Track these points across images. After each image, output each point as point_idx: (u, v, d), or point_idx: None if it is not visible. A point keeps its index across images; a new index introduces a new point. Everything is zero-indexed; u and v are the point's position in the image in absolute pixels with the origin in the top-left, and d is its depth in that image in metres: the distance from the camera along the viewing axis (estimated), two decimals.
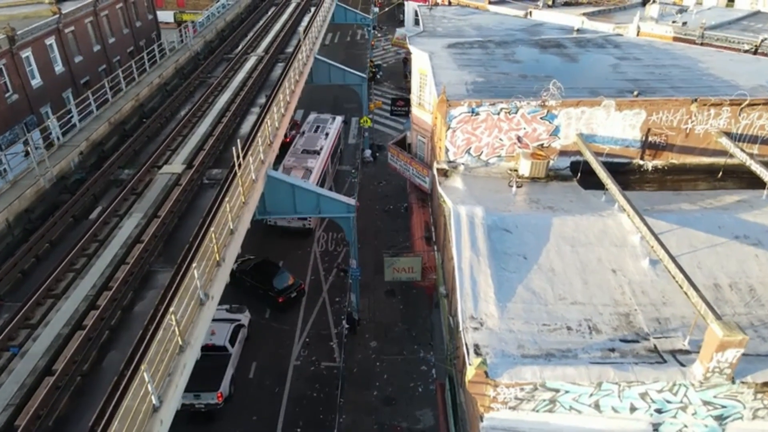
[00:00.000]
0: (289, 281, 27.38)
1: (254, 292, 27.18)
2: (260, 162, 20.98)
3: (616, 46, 25.56)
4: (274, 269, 27.73)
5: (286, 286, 27.18)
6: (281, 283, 27.18)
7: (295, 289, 27.31)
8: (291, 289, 27.22)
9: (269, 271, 27.50)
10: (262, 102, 30.12)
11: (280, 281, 27.19)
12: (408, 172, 27.70)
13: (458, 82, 21.17)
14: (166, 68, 32.00)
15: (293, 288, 27.30)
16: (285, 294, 26.96)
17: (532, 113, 19.06)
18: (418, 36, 26.90)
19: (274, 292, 26.83)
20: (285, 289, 27.10)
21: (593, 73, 22.42)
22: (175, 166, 23.17)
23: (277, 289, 26.90)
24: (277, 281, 27.14)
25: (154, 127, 26.91)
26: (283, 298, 26.89)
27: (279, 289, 26.93)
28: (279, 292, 26.87)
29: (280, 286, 27.06)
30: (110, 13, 39.88)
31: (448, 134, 19.45)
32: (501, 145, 19.71)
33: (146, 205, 20.53)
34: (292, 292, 27.18)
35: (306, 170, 32.67)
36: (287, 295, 27.00)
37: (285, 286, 27.16)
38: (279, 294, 26.83)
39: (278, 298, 26.78)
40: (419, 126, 26.94)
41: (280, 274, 27.43)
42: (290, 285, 27.30)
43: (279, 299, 26.79)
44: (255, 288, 27.20)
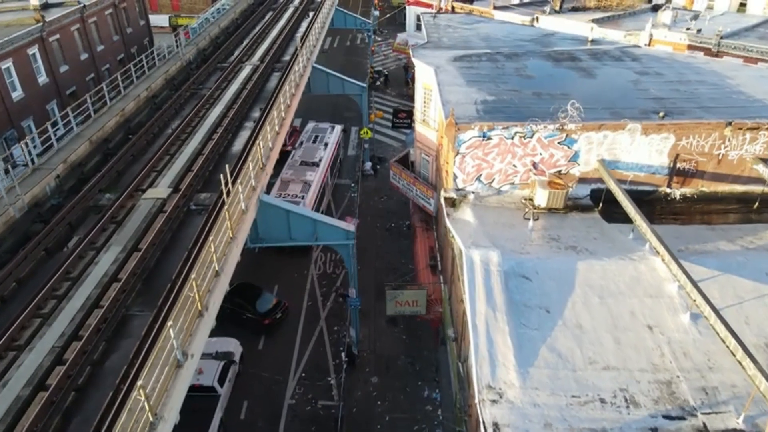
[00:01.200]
0: (273, 302, 26.03)
1: (237, 318, 25.47)
2: (251, 189, 19.23)
3: (634, 59, 23.83)
4: (255, 292, 26.28)
5: (270, 308, 25.78)
6: (264, 305, 25.79)
7: (279, 310, 25.94)
8: (276, 310, 25.84)
9: (250, 294, 25.99)
10: (256, 116, 28.41)
11: (262, 304, 25.80)
12: (411, 193, 25.96)
13: (467, 101, 19.43)
14: (155, 80, 30.25)
15: (278, 309, 25.92)
16: (270, 316, 25.52)
17: (549, 137, 17.33)
18: (423, 47, 25.17)
19: (258, 316, 25.33)
20: (269, 311, 25.68)
21: (612, 90, 20.68)
22: (160, 190, 21.41)
23: (260, 312, 25.44)
24: (260, 304, 25.75)
25: (140, 144, 25.15)
26: (270, 320, 25.47)
27: (263, 312, 25.49)
28: (264, 315, 25.43)
29: (263, 308, 25.67)
30: (99, 19, 38.14)
31: (456, 160, 17.71)
32: (515, 172, 17.99)
33: (126, 235, 18.78)
34: (276, 312, 25.78)
35: (304, 183, 31.01)
36: (272, 316, 25.55)
37: (269, 307, 25.76)
38: (264, 317, 25.39)
39: (263, 321, 25.34)
40: (423, 144, 25.21)
41: (262, 296, 26.07)
42: (274, 306, 25.95)
43: (264, 322, 25.36)
44: (237, 313, 25.54)
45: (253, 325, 25.30)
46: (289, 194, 30.18)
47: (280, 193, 30.18)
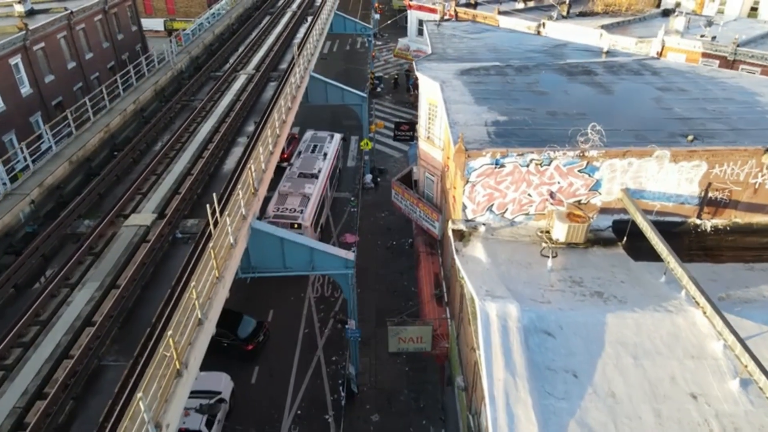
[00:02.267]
0: (253, 325, 24.61)
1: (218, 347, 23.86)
2: (241, 218, 17.62)
3: (654, 72, 22.21)
4: (233, 317, 24.70)
5: (252, 332, 24.35)
6: (245, 330, 24.35)
7: (262, 332, 24.59)
8: (258, 333, 24.44)
9: (229, 320, 24.31)
10: (250, 130, 26.83)
11: (243, 328, 24.35)
12: (414, 214, 24.35)
13: (476, 121, 17.83)
14: (143, 92, 28.63)
15: (260, 332, 24.54)
16: (253, 341, 24.12)
17: (568, 165, 15.72)
18: (427, 60, 23.56)
19: (241, 342, 23.88)
20: (251, 335, 24.26)
21: (633, 109, 19.06)
22: (144, 216, 19.82)
23: (242, 338, 24.00)
24: (241, 329, 24.29)
25: (125, 163, 23.57)
26: (253, 344, 24.08)
27: (245, 338, 24.07)
28: (246, 341, 24.01)
29: (244, 333, 24.23)
30: (87, 26, 36.54)
31: (466, 189, 16.10)
32: (530, 202, 16.38)
33: (105, 269, 17.20)
34: (259, 336, 24.40)
35: (303, 197, 29.46)
36: (255, 341, 24.17)
37: (250, 331, 24.33)
38: (246, 342, 23.98)
39: (246, 347, 23.91)
40: (427, 162, 23.60)
41: (242, 321, 24.58)
42: (255, 329, 24.54)
43: (248, 348, 23.93)
44: (216, 342, 23.93)
45: (236, 353, 23.72)
46: (287, 208, 28.65)
47: (277, 207, 28.66)
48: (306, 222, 27.98)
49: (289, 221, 27.95)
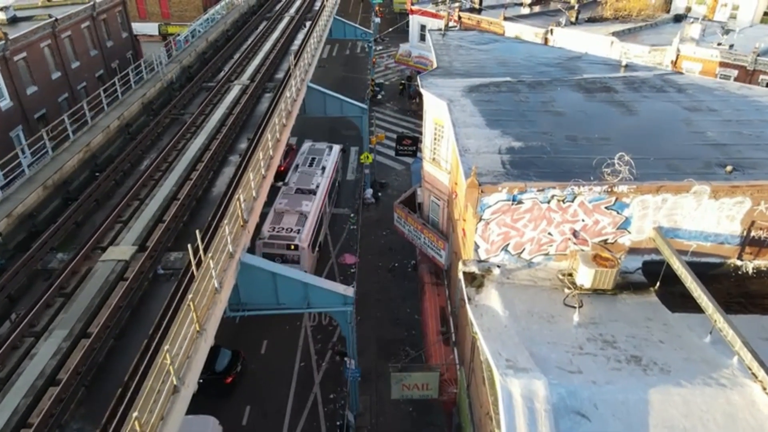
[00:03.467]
0: (229, 356, 22.96)
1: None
2: (228, 256, 15.86)
3: (679, 89, 20.46)
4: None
5: (229, 363, 22.72)
6: (221, 362, 22.69)
7: (239, 362, 22.97)
8: (235, 364, 22.82)
9: None
10: (243, 147, 25.10)
11: (219, 361, 22.67)
12: (419, 241, 22.60)
13: (489, 148, 16.08)
14: (130, 105, 26.86)
15: (237, 362, 22.91)
16: (230, 373, 22.54)
17: (594, 202, 13.96)
18: (432, 75, 21.81)
19: (218, 375, 22.23)
20: (228, 367, 22.64)
21: (661, 132, 17.32)
22: (123, 249, 18.06)
23: (219, 372, 22.36)
24: (217, 362, 22.59)
25: (107, 186, 21.79)
26: (231, 377, 22.50)
27: (221, 371, 22.45)
28: (223, 374, 22.41)
29: (221, 366, 22.59)
30: (74, 33, 34.80)
31: (479, 227, 14.35)
32: (550, 241, 14.63)
33: (76, 313, 15.44)
34: (236, 367, 22.80)
35: (300, 215, 27.73)
36: (233, 372, 22.60)
37: (227, 364, 22.69)
38: (224, 375, 22.39)
39: (225, 381, 22.32)
40: (432, 185, 21.86)
41: (217, 354, 22.88)
42: (232, 360, 22.89)
43: (226, 381, 22.34)
44: None
45: (215, 389, 21.99)
46: (283, 228, 26.93)
47: (273, 227, 26.92)
48: (303, 243, 26.27)
49: (285, 242, 26.25)
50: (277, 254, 26.48)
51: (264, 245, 26.38)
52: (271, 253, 26.46)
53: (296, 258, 26.50)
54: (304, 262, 26.60)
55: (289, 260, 26.62)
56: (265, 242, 26.35)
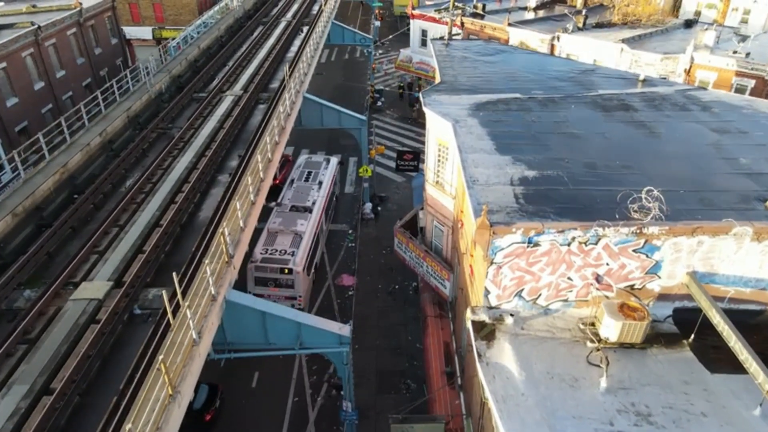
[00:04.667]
0: (206, 392, 21.39)
1: None
2: (209, 300, 14.26)
3: (703, 108, 18.86)
4: None
5: (206, 400, 21.16)
6: (199, 399, 21.09)
7: (217, 397, 21.39)
8: (213, 400, 21.25)
9: None
10: (233, 165, 23.52)
11: (197, 399, 21.07)
12: (421, 269, 21.00)
13: (500, 178, 14.47)
14: (113, 120, 25.25)
15: (215, 397, 21.33)
16: (209, 409, 21.01)
17: (621, 244, 12.36)
18: (435, 91, 20.20)
19: (196, 413, 20.65)
20: (206, 403, 21.09)
21: (688, 159, 15.72)
22: (96, 286, 16.47)
23: (197, 409, 20.79)
24: (195, 400, 21.00)
25: (84, 210, 20.18)
26: (210, 413, 20.97)
27: (200, 408, 20.89)
28: (202, 411, 20.84)
29: (199, 403, 21.01)
30: (59, 41, 33.21)
31: (490, 271, 12.75)
32: (569, 286, 13.03)
33: (39, 364, 13.86)
34: (215, 402, 21.26)
35: (295, 236, 26.13)
36: (212, 409, 21.08)
37: (204, 400, 21.14)
38: (203, 413, 20.84)
39: (205, 418, 20.79)
40: (436, 209, 20.27)
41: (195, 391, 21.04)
42: (210, 395, 21.33)
43: (206, 419, 20.80)
44: None
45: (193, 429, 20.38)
46: (277, 250, 25.33)
47: (265, 249, 25.33)
48: (298, 267, 24.68)
49: (278, 266, 24.67)
50: (269, 278, 24.94)
51: (256, 269, 24.82)
52: (264, 277, 24.93)
53: (290, 282, 24.94)
54: (299, 287, 25.04)
55: (282, 284, 25.08)
56: (257, 266, 24.78)
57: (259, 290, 25.24)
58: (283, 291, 25.22)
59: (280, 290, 25.21)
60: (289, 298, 25.36)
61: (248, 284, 25.18)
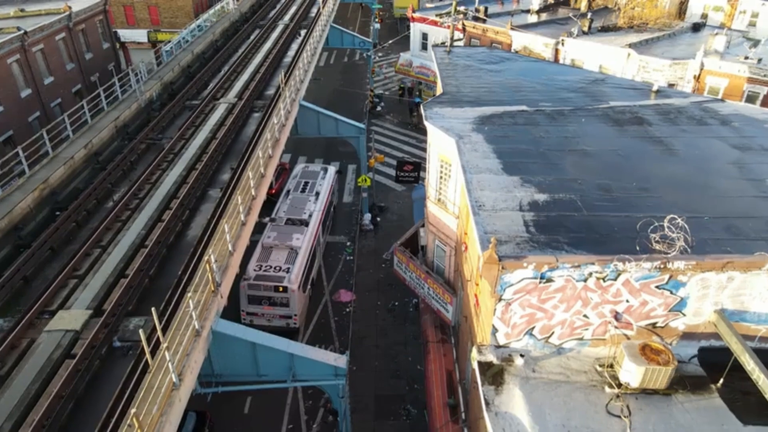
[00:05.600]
0: (194, 420, 20.10)
1: None
2: (193, 334, 13.13)
3: (723, 122, 17.75)
4: None
5: (193, 430, 19.91)
6: (186, 430, 19.79)
7: (206, 427, 20.19)
8: (201, 428, 20.02)
9: None
10: (225, 179, 22.40)
11: (184, 429, 19.77)
12: (422, 291, 19.87)
13: (508, 203, 13.36)
14: (100, 131, 24.14)
15: (203, 426, 20.11)
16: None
17: (643, 280, 11.24)
18: (437, 103, 19.08)
19: None
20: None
21: (710, 179, 14.62)
22: (74, 315, 15.36)
23: None
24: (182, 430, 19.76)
25: (66, 228, 19.08)
26: None
27: None
28: None
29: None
30: (47, 47, 32.07)
31: (498, 308, 11.63)
32: (585, 324, 11.92)
33: (7, 406, 12.74)
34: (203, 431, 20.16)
35: (290, 251, 25.02)
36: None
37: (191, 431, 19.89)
38: None
39: None
40: (438, 228, 19.15)
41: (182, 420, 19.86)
42: (198, 424, 20.06)
43: None
44: None
45: None
46: (271, 266, 24.22)
47: (259, 266, 24.21)
48: (293, 284, 23.58)
49: (272, 284, 23.57)
50: (263, 296, 23.84)
51: (249, 287, 23.71)
52: (257, 295, 23.83)
53: (285, 301, 23.84)
54: (294, 305, 23.94)
55: (277, 303, 23.98)
56: (250, 283, 23.67)
57: (252, 309, 24.16)
58: (278, 310, 24.12)
59: (275, 309, 24.11)
60: (283, 317, 24.27)
61: (241, 302, 24.11)
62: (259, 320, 24.44)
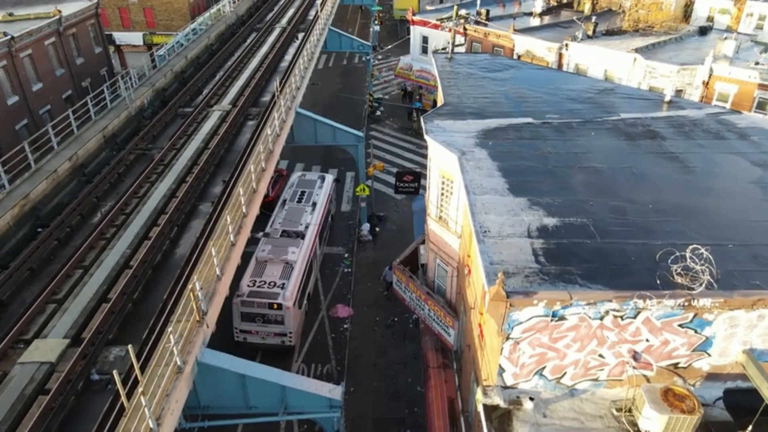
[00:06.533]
0: None
1: None
2: (174, 371, 12.14)
3: (741, 135, 16.77)
4: None
5: None
6: None
7: None
8: None
9: None
10: (217, 192, 21.40)
11: None
12: (422, 312, 18.89)
13: (515, 228, 12.37)
14: (86, 142, 23.16)
15: None
16: None
17: (665, 318, 10.26)
18: (438, 115, 18.09)
19: None
20: None
21: (731, 201, 13.64)
22: (50, 344, 14.39)
23: None
24: None
25: (47, 247, 18.11)
26: None
27: None
28: None
29: None
30: (35, 52, 31.11)
31: (505, 347, 10.65)
32: (601, 364, 10.93)
33: None
34: None
35: (286, 265, 24.02)
36: None
37: None
38: None
39: None
40: (439, 247, 18.17)
41: None
42: None
43: None
44: None
45: None
46: (265, 282, 23.24)
47: (253, 281, 23.23)
48: (288, 302, 22.60)
49: (267, 301, 22.60)
50: (257, 314, 22.86)
51: (242, 303, 22.75)
52: (251, 312, 22.86)
53: (280, 318, 22.86)
54: (289, 323, 22.97)
55: (271, 320, 23.02)
56: (243, 300, 22.70)
57: (245, 326, 23.23)
58: (272, 327, 23.17)
59: (269, 326, 23.16)
60: (278, 335, 23.33)
61: (234, 320, 23.17)
62: (252, 338, 23.50)
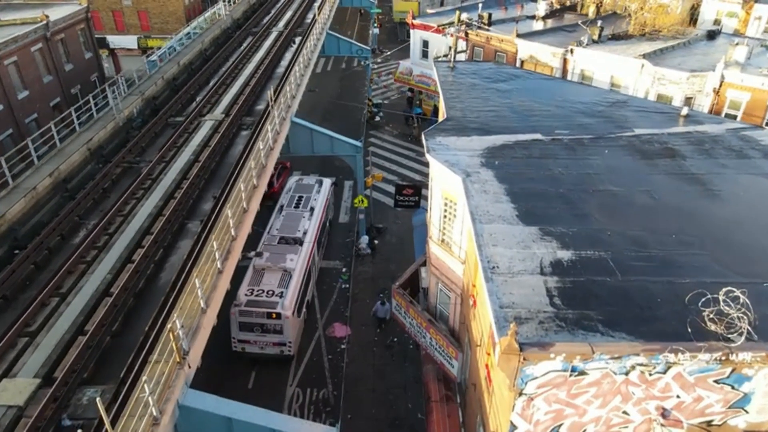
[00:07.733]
0: None
1: None
2: (151, 422, 10.97)
3: (766, 154, 15.60)
4: None
5: None
6: None
7: None
8: None
9: None
10: (207, 209, 20.25)
11: None
12: (423, 340, 17.73)
13: (526, 264, 11.21)
14: (69, 155, 22.01)
15: None
16: None
17: (699, 374, 9.10)
18: (441, 131, 16.94)
19: None
20: None
21: (760, 229, 12.47)
22: (19, 385, 13.24)
23: None
24: None
25: (23, 272, 16.95)
26: None
27: None
28: None
29: None
30: (21, 59, 29.95)
31: (517, 404, 9.49)
32: (625, 422, 9.76)
33: None
34: None
35: (284, 273, 23.05)
36: None
37: None
38: None
39: None
40: (441, 272, 17.02)
41: None
42: None
43: None
44: None
45: None
46: (263, 290, 22.33)
47: (251, 290, 22.34)
48: (287, 311, 21.68)
49: (265, 310, 21.70)
50: (256, 323, 21.98)
51: (240, 313, 21.89)
52: (249, 322, 21.98)
53: (279, 328, 22.00)
54: (288, 332, 22.13)
55: (270, 330, 22.18)
56: (241, 310, 21.81)
57: (243, 336, 22.49)
58: (271, 337, 22.36)
59: (268, 336, 22.29)
60: (277, 344, 22.50)
61: (232, 330, 22.44)
62: (251, 348, 22.80)
